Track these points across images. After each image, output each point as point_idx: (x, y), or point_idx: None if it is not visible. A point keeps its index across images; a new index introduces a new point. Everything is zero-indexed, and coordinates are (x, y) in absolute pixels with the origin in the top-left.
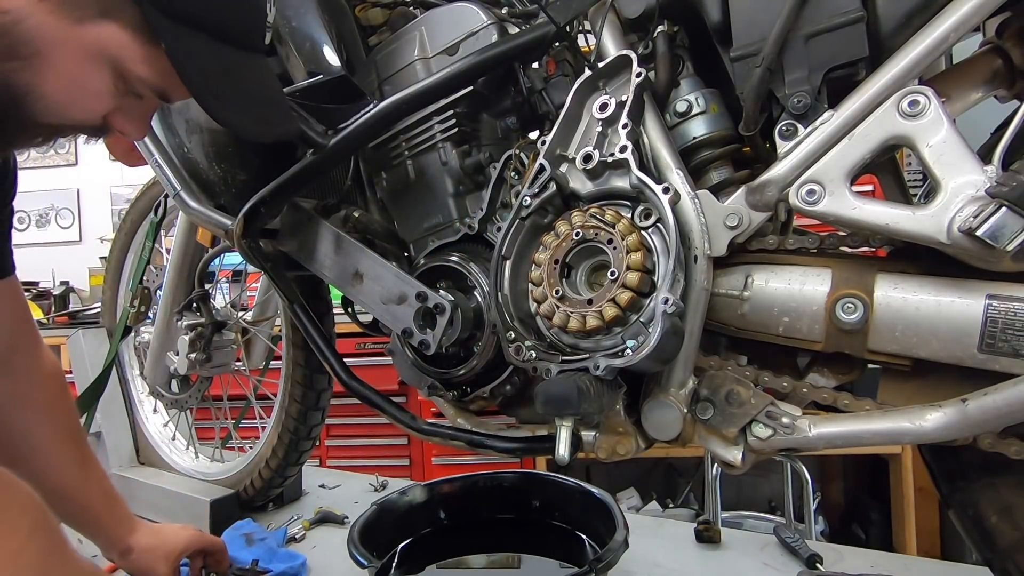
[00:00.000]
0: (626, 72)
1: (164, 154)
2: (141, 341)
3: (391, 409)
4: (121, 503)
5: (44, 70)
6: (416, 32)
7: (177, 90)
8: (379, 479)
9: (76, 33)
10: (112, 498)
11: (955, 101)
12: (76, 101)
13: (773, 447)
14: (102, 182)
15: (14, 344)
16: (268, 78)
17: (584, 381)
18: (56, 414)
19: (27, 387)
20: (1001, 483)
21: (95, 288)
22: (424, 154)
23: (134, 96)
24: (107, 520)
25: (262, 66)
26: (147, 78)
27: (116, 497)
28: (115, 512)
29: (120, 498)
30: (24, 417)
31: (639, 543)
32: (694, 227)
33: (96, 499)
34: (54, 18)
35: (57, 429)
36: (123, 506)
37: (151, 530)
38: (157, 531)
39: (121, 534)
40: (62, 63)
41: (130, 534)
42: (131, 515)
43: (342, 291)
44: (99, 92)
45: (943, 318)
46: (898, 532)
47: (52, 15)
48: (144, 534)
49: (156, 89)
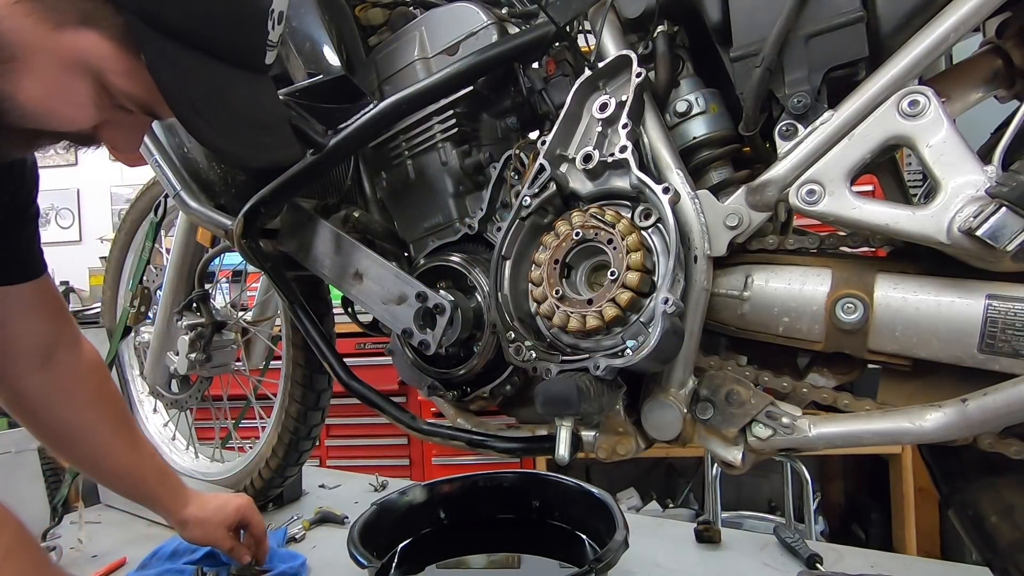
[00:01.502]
0: (626, 72)
1: (164, 154)
2: (141, 341)
3: (391, 409)
4: (173, 477)
5: (20, 77)
6: (416, 32)
7: (164, 107)
8: (379, 479)
9: (54, 40)
10: (165, 474)
11: (955, 101)
12: (56, 111)
13: (773, 447)
14: (102, 182)
15: (56, 339)
16: (267, 100)
17: (584, 381)
18: (102, 402)
19: (72, 379)
20: (1001, 483)
21: (95, 288)
22: (424, 154)
23: (124, 110)
24: (162, 494)
25: (261, 87)
26: (130, 92)
27: (168, 472)
28: (169, 486)
29: (172, 473)
30: (72, 407)
31: (639, 543)
32: (694, 227)
33: (149, 476)
34: (31, 22)
35: (105, 415)
36: (176, 480)
37: (203, 501)
38: (208, 501)
39: (176, 507)
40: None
41: (184, 507)
42: (185, 488)
43: (342, 291)
44: (80, 103)
45: (943, 318)
46: (898, 532)
47: (29, 18)
48: (197, 506)
49: (141, 104)
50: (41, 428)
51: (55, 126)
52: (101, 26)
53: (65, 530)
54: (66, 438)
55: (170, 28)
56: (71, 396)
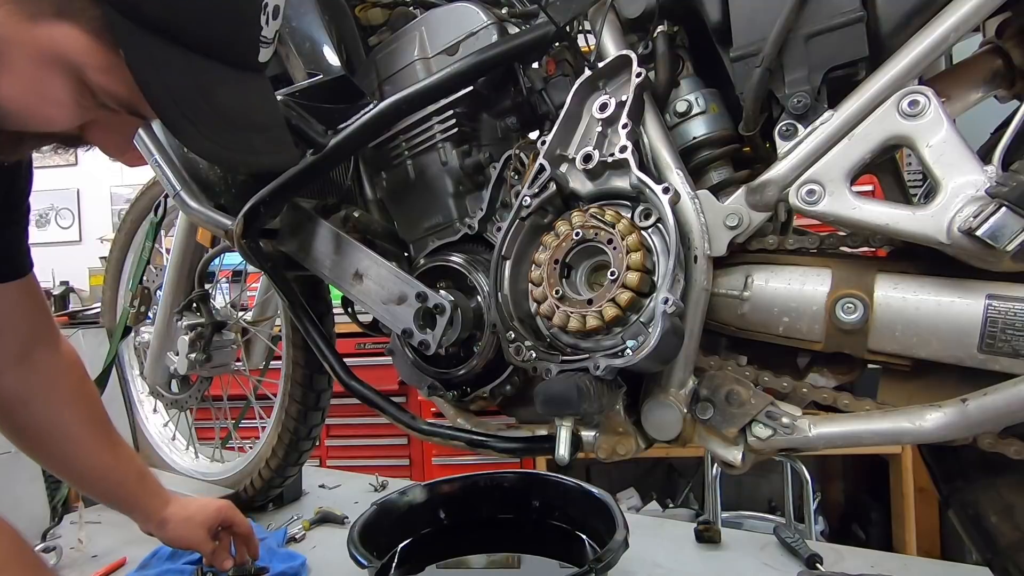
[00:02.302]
0: (626, 72)
1: (164, 154)
2: (141, 341)
3: (391, 409)
4: (153, 479)
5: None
6: (416, 32)
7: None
8: (379, 479)
9: (29, 33)
10: (144, 475)
11: (955, 101)
12: (36, 111)
13: (773, 447)
14: (102, 182)
15: (35, 339)
16: (261, 100)
17: (584, 381)
18: (80, 402)
19: (50, 378)
20: (1001, 483)
21: (95, 288)
22: (424, 154)
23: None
24: (141, 495)
25: (253, 86)
26: (110, 89)
27: (147, 473)
28: (148, 487)
29: (151, 474)
30: (50, 407)
31: (639, 543)
32: (694, 227)
33: (128, 476)
34: (3, 13)
35: (83, 415)
36: (155, 482)
37: (183, 503)
38: (188, 503)
39: (156, 507)
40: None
41: (164, 507)
42: (164, 489)
43: (342, 291)
44: (60, 102)
45: (943, 318)
46: (898, 532)
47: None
48: (178, 507)
49: (123, 103)
50: (17, 427)
51: (37, 127)
52: (77, 18)
53: (65, 530)
54: (43, 437)
55: (151, 21)
56: (49, 394)
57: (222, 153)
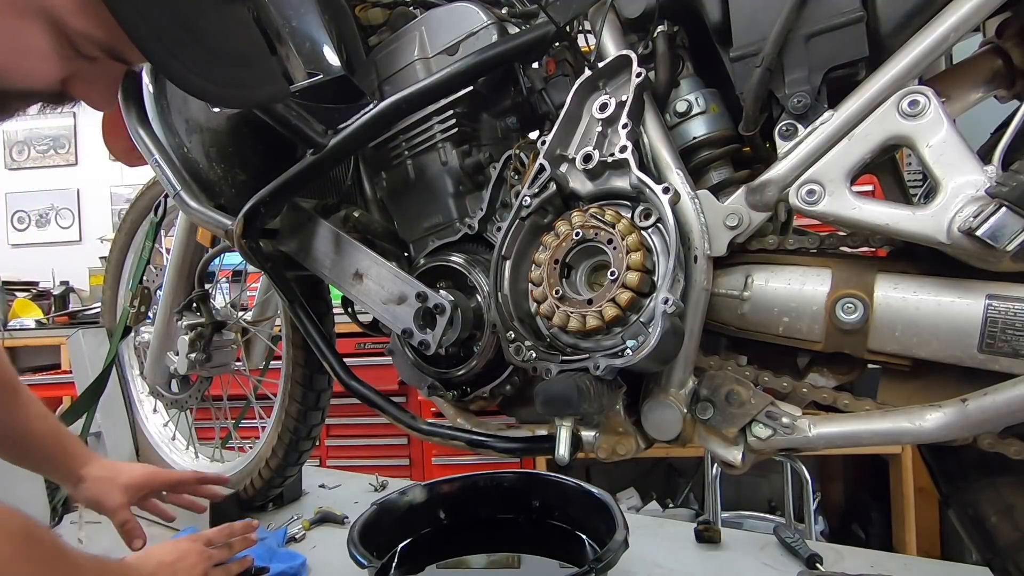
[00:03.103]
0: (626, 72)
1: (164, 154)
2: (141, 341)
3: (391, 409)
4: (73, 440)
5: None
6: (416, 32)
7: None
8: (379, 479)
9: None
10: (60, 434)
11: (955, 101)
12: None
13: (773, 447)
14: (102, 182)
15: None
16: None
17: (584, 381)
18: None
19: None
20: (1001, 483)
21: (95, 288)
22: (424, 154)
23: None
24: (57, 454)
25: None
26: (89, 32)
27: (65, 434)
28: (65, 447)
29: (72, 435)
30: None
31: (639, 543)
32: (694, 227)
33: (42, 435)
34: None
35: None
36: (75, 442)
37: (108, 464)
38: (115, 466)
39: (73, 467)
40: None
41: (82, 466)
42: (85, 451)
43: (342, 291)
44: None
45: (943, 318)
46: (898, 532)
47: None
48: (98, 467)
49: (104, 46)
50: None
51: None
52: None
53: (65, 530)
54: None
55: None
56: None
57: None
